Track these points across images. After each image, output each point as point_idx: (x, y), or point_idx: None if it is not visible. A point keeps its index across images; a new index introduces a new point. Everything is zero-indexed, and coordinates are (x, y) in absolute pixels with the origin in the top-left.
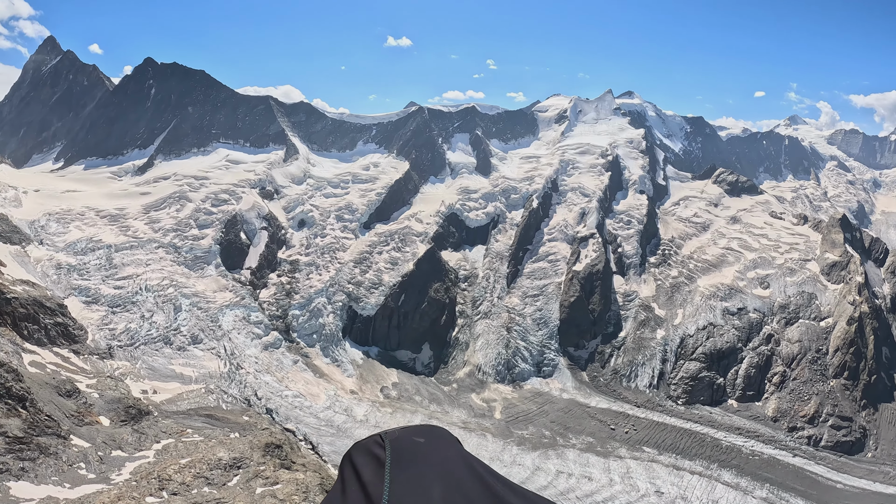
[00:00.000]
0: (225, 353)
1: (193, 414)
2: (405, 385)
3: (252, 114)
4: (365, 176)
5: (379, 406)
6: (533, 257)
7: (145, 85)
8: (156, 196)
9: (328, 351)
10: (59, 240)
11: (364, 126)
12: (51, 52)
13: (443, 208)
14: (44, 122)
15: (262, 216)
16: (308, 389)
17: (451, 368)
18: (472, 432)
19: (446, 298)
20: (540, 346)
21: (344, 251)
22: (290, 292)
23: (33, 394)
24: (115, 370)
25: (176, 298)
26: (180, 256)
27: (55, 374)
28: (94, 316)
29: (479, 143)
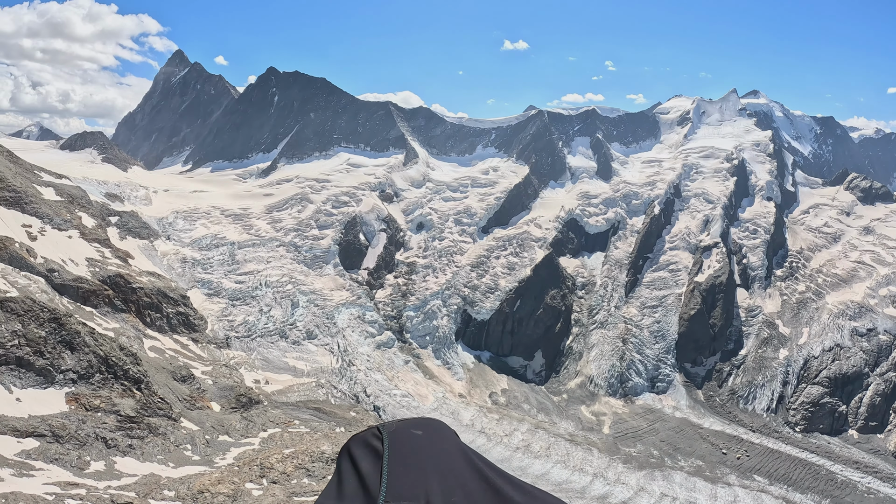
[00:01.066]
0: (338, 350)
1: (302, 406)
2: (514, 392)
3: (372, 119)
4: (484, 180)
5: (486, 412)
6: (653, 266)
7: (269, 93)
8: (278, 197)
9: (440, 353)
10: (185, 236)
11: (483, 130)
12: (179, 64)
13: (562, 213)
14: (174, 128)
15: (381, 218)
16: (417, 390)
17: (563, 378)
18: (578, 446)
19: (562, 306)
20: (655, 361)
21: (461, 255)
22: (405, 293)
23: (149, 377)
24: (231, 359)
25: (294, 295)
26: (300, 255)
27: (173, 360)
28: (215, 308)
29: (599, 146)
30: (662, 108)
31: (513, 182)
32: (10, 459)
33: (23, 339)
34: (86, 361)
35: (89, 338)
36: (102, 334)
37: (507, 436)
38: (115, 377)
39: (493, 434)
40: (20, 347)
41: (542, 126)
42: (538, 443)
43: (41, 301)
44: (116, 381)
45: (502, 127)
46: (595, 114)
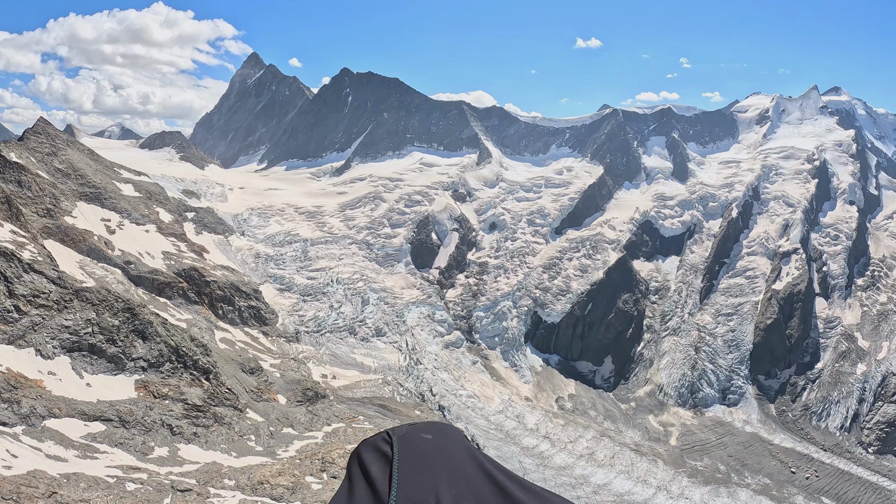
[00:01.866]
0: (406, 348)
1: (367, 402)
2: (581, 398)
3: (446, 119)
4: (558, 180)
5: (552, 416)
6: (729, 272)
7: (342, 93)
8: (351, 196)
9: (508, 355)
10: (259, 232)
11: (557, 130)
12: (254, 66)
13: (637, 215)
14: (249, 128)
15: (453, 218)
16: (483, 391)
17: (632, 385)
18: (643, 456)
19: (634, 311)
20: (728, 371)
21: (533, 256)
22: (476, 294)
23: (218, 368)
24: (300, 353)
25: (365, 292)
26: (372, 253)
27: (242, 352)
28: (286, 302)
29: (675, 146)
30: (740, 107)
31: (587, 182)
32: (76, 441)
33: (96, 327)
34: (156, 350)
35: (161, 328)
36: (174, 325)
37: (572, 442)
38: (185, 367)
39: (558, 440)
40: (93, 335)
41: (617, 125)
42: (602, 451)
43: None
44: (186, 371)
45: (576, 126)
46: (671, 112)
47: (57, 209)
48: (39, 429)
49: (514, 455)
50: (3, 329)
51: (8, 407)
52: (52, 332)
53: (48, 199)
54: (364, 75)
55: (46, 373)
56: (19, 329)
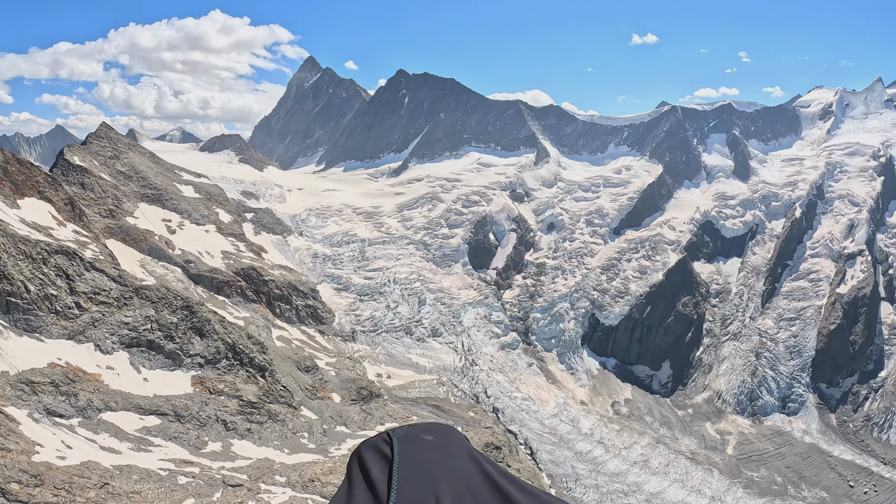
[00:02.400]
0: (462, 349)
1: (422, 402)
2: (637, 403)
3: (502, 118)
4: (616, 179)
5: (606, 421)
6: (792, 274)
7: (399, 94)
8: (409, 196)
9: (564, 357)
10: (317, 232)
11: (615, 128)
12: (311, 70)
13: (697, 215)
14: (307, 130)
15: (511, 218)
16: (538, 394)
17: (689, 391)
18: (698, 465)
19: (694, 314)
20: (789, 378)
21: (591, 256)
22: (533, 295)
23: (274, 365)
24: (355, 352)
25: (421, 292)
26: (429, 253)
27: (299, 350)
28: (343, 302)
29: (736, 143)
30: (802, 101)
31: (646, 182)
32: (131, 434)
33: (155, 323)
34: (213, 347)
35: (219, 325)
36: (232, 323)
37: (626, 448)
38: (241, 364)
39: (612, 446)
40: (152, 331)
41: (676, 123)
42: (657, 458)
43: (175, 289)
44: (242, 368)
45: (634, 124)
46: (731, 108)
47: (119, 210)
48: (95, 421)
49: (566, 460)
50: (63, 325)
51: (66, 399)
52: (111, 328)
53: (110, 200)
54: (420, 76)
55: (105, 367)
56: (80, 325)
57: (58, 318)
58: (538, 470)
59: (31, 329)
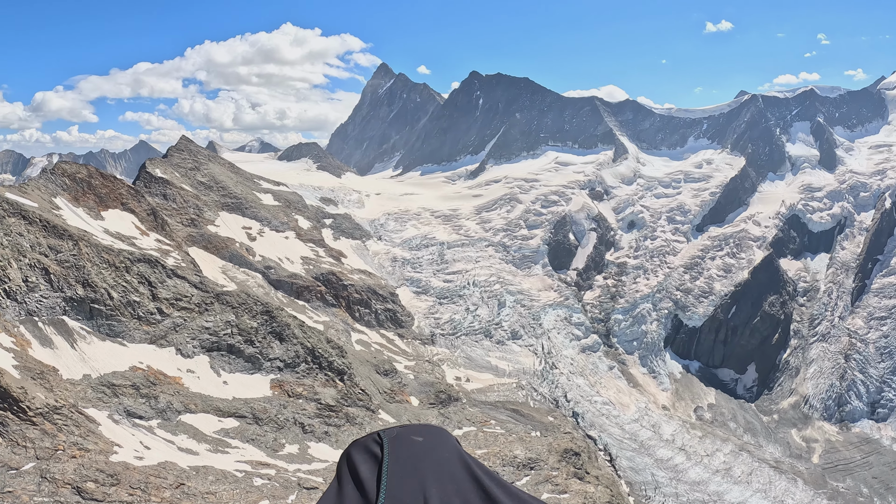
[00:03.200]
0: (542, 351)
1: (500, 406)
2: (721, 408)
3: (578, 116)
4: (697, 174)
5: (689, 427)
6: (883, 270)
7: (473, 96)
8: (487, 198)
9: (646, 360)
10: (395, 236)
11: (694, 120)
12: (384, 76)
13: (783, 209)
14: (383, 136)
15: (591, 217)
16: (619, 398)
17: (775, 396)
18: (782, 474)
19: (781, 314)
20: (879, 382)
21: (674, 255)
22: (614, 296)
23: (353, 369)
24: (434, 356)
25: (501, 294)
26: (508, 255)
27: (378, 354)
28: (422, 305)
29: (821, 131)
30: (887, 83)
31: (728, 175)
32: (209, 436)
33: (235, 328)
34: (293, 351)
35: (298, 330)
36: (311, 327)
37: (708, 456)
38: (320, 367)
39: (694, 453)
40: (232, 336)
41: (757, 112)
42: (740, 467)
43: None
44: (321, 371)
45: (714, 116)
46: (814, 94)
47: (200, 219)
48: (174, 423)
49: (646, 467)
50: (145, 330)
51: (146, 402)
52: (192, 332)
53: (192, 209)
54: (493, 77)
55: (185, 371)
56: (161, 330)
57: (140, 323)
58: (617, 477)
59: (113, 334)
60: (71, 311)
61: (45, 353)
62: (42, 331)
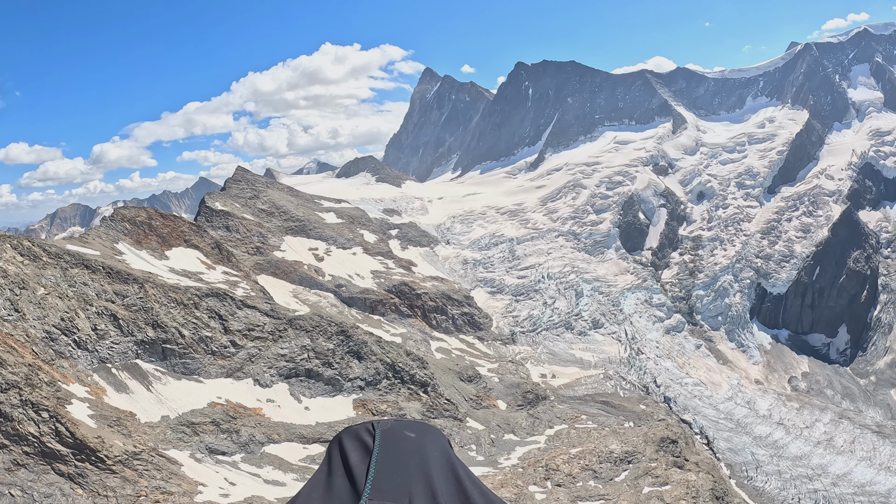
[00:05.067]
0: (625, 338)
1: (589, 400)
2: (816, 376)
3: (631, 92)
4: (761, 134)
5: (785, 400)
6: None
7: (522, 87)
8: (550, 188)
9: (733, 335)
10: (463, 238)
11: (749, 80)
12: (430, 81)
13: (854, 159)
14: (438, 140)
15: (658, 193)
16: (709, 377)
17: (870, 357)
18: (886, 439)
19: (867, 269)
20: None
21: (749, 221)
22: (693, 271)
23: (436, 379)
24: (517, 355)
25: (577, 284)
26: (580, 243)
27: (459, 360)
28: (499, 305)
29: (882, 72)
30: None
31: (793, 132)
32: (295, 465)
33: (311, 352)
34: (373, 369)
35: (376, 346)
36: (389, 342)
37: (808, 427)
38: (402, 381)
39: (793, 426)
40: (309, 360)
41: (813, 61)
42: (841, 436)
43: (328, 315)
44: (403, 386)
45: (769, 72)
46: (868, 34)
47: (266, 246)
48: (258, 455)
49: (745, 446)
50: (221, 364)
51: (227, 437)
52: (268, 361)
53: (256, 238)
54: (539, 65)
55: (265, 400)
56: (237, 362)
57: (214, 358)
58: (716, 461)
59: (188, 372)
60: (143, 353)
61: (121, 398)
62: (116, 377)
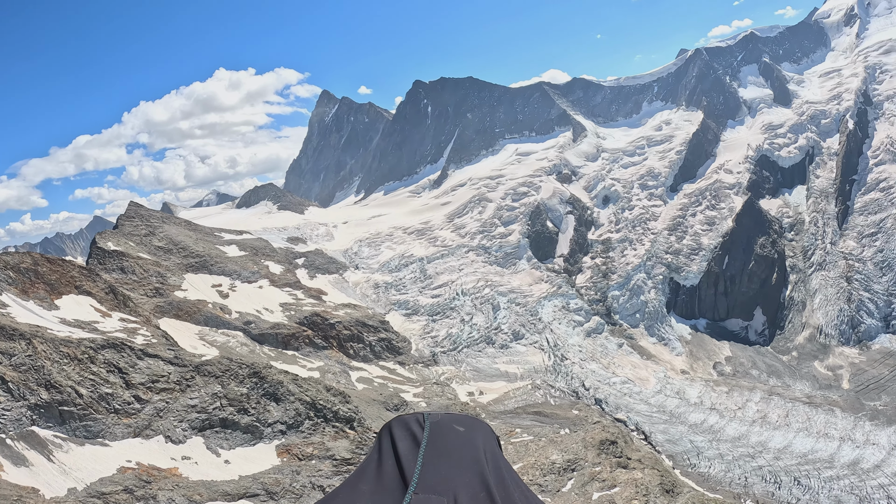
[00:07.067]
0: (548, 346)
1: (521, 412)
2: (739, 358)
3: (529, 104)
4: (659, 136)
5: (713, 385)
6: (862, 188)
7: (421, 105)
8: (456, 204)
9: (653, 329)
10: (372, 262)
11: (644, 86)
12: (328, 103)
13: (750, 152)
14: (339, 163)
15: (564, 201)
16: (636, 374)
17: (788, 334)
18: (817, 408)
19: (774, 253)
20: (886, 296)
21: (655, 220)
22: (606, 273)
23: (361, 412)
24: (441, 376)
25: (493, 298)
26: (491, 256)
27: (382, 388)
28: (416, 326)
29: (769, 70)
30: (822, 13)
31: (689, 132)
32: None
33: (224, 399)
34: (293, 410)
35: (293, 385)
36: (306, 378)
37: (740, 408)
38: (326, 420)
39: (726, 409)
40: (223, 408)
41: (704, 65)
42: (774, 411)
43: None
44: (327, 424)
45: (662, 77)
46: (755, 37)
47: (165, 286)
48: None
49: (683, 435)
50: (126, 423)
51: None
52: (178, 414)
53: (154, 278)
54: (437, 82)
55: (180, 458)
56: (143, 419)
57: (118, 416)
58: (658, 454)
59: (92, 435)
60: (39, 419)
61: (21, 473)
62: (12, 448)
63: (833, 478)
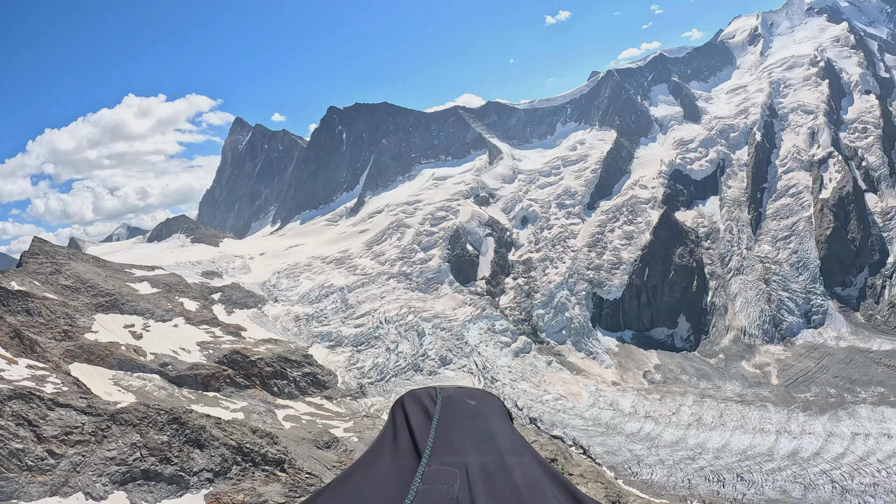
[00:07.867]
0: (477, 369)
1: None
2: (668, 365)
3: (445, 128)
4: (574, 157)
5: (645, 394)
6: (772, 195)
7: (335, 132)
8: (374, 231)
9: (581, 344)
10: (292, 293)
11: (557, 108)
12: (241, 131)
13: (664, 168)
14: (253, 192)
15: (483, 223)
16: (568, 389)
17: (713, 337)
18: (750, 405)
19: (692, 262)
20: (804, 294)
21: (574, 238)
22: (529, 293)
23: (291, 453)
24: (370, 408)
25: (417, 324)
26: (412, 282)
27: (311, 426)
28: (340, 359)
29: (679, 89)
30: (728, 34)
31: (603, 150)
32: None
33: (144, 449)
34: (218, 456)
35: (216, 429)
36: (230, 421)
37: (674, 413)
38: (254, 464)
39: (660, 416)
40: (144, 459)
41: (615, 86)
42: (708, 413)
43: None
44: (256, 469)
45: (575, 99)
46: (663, 58)
47: (74, 328)
48: None
49: (621, 446)
50: (41, 480)
51: None
52: (96, 468)
53: (62, 320)
54: (352, 108)
55: None
56: (60, 475)
57: (32, 474)
58: (598, 466)
59: (5, 497)
60: None
61: None
62: None
63: (775, 469)
